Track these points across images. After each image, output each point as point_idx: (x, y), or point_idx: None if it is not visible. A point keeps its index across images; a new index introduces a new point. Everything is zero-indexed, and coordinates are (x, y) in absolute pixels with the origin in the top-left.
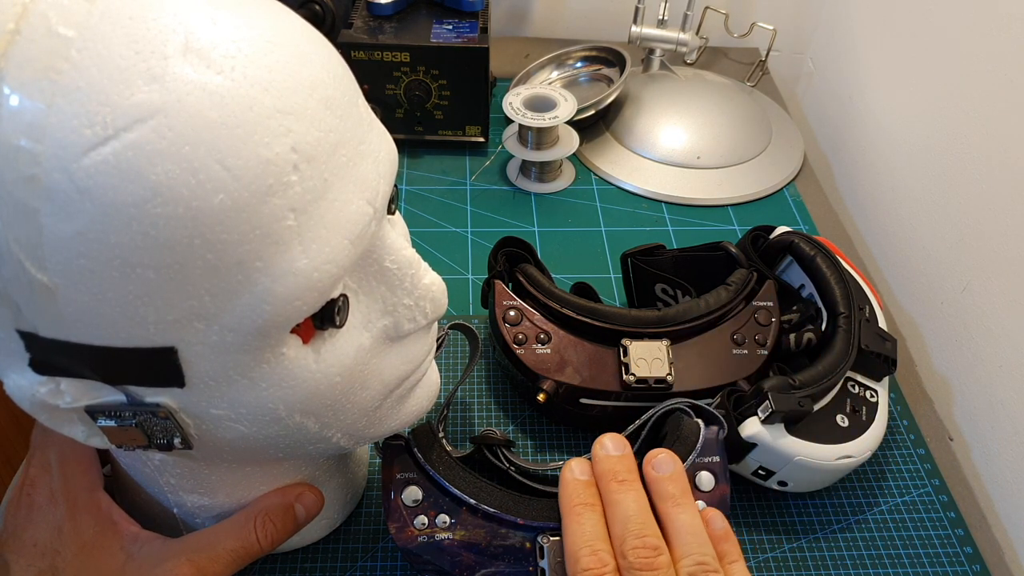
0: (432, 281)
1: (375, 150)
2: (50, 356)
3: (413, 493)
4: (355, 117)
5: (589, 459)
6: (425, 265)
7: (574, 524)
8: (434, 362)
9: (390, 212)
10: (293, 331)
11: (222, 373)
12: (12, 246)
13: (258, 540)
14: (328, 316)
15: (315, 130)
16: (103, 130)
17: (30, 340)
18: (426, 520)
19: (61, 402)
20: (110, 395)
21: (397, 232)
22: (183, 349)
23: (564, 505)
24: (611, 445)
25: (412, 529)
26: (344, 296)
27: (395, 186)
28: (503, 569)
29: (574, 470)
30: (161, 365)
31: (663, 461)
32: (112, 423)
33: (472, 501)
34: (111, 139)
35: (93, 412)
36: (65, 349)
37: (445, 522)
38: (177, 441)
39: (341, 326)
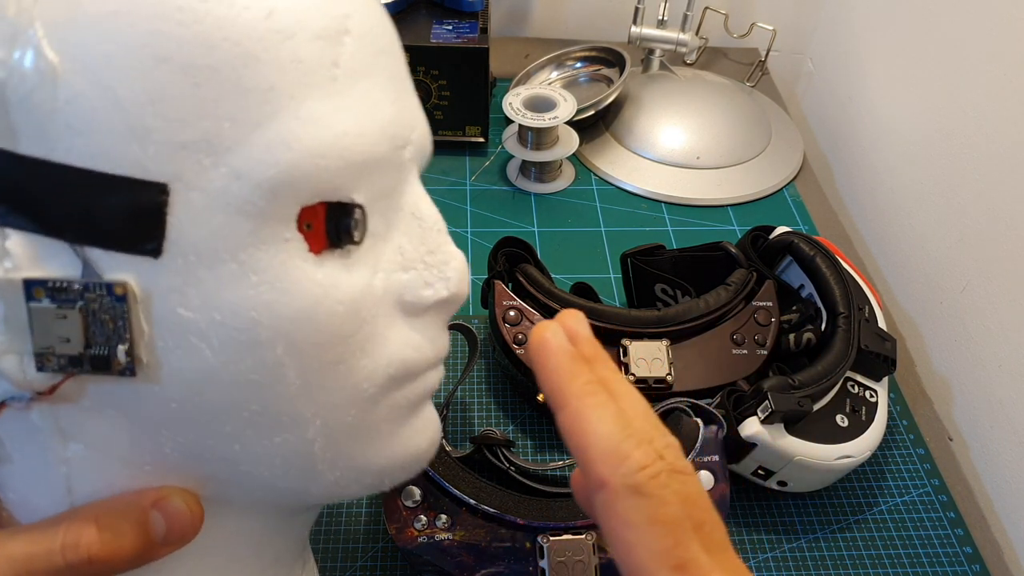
0: (457, 250)
1: (413, 108)
2: (14, 189)
3: (413, 493)
4: (399, 59)
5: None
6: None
7: (597, 412)
8: (435, 412)
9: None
10: (302, 232)
11: (210, 245)
12: (36, 22)
13: (61, 551)
14: (344, 225)
15: (369, 18)
16: None
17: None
18: (426, 520)
19: None
20: (62, 265)
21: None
22: (176, 194)
23: (563, 383)
24: (578, 320)
25: (412, 530)
26: (362, 209)
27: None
28: (503, 569)
29: (557, 335)
30: (144, 214)
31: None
32: (49, 303)
33: (472, 501)
34: None
35: (31, 287)
36: (40, 174)
37: (445, 522)
38: (121, 352)
39: (359, 242)
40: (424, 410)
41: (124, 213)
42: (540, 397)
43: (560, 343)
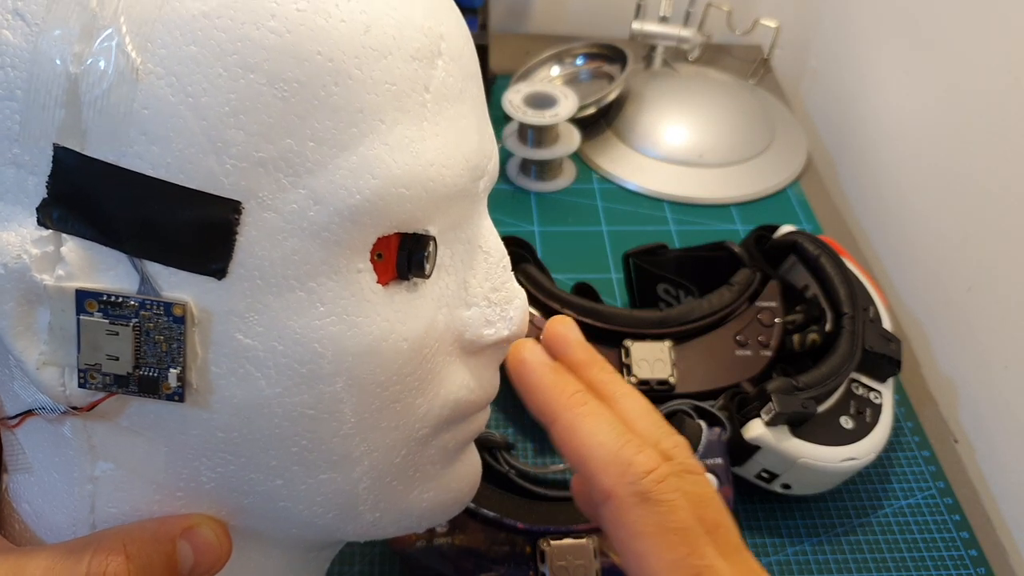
0: (520, 288)
1: (492, 137)
2: (78, 192)
3: None
4: (481, 85)
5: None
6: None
7: (590, 421)
8: (477, 455)
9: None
10: (373, 262)
11: (279, 270)
12: (120, 17)
13: None
14: (416, 257)
15: (459, 40)
16: None
17: (64, 162)
18: None
19: (49, 275)
20: (117, 278)
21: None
22: (249, 214)
23: (552, 397)
24: (567, 326)
25: (410, 534)
26: (435, 241)
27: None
28: (503, 573)
29: (535, 353)
30: (213, 231)
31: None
32: (101, 318)
33: (471, 505)
34: None
35: (84, 298)
36: (106, 179)
37: (443, 527)
38: (172, 375)
39: (428, 276)
40: (468, 452)
41: (191, 229)
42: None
43: (538, 359)
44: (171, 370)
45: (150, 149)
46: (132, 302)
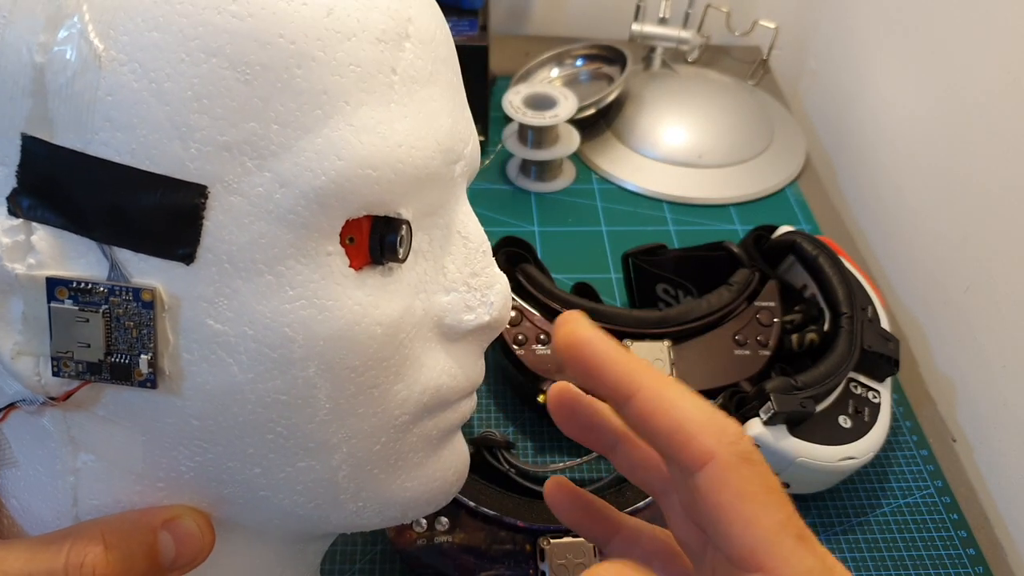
0: (501, 274)
1: (468, 121)
2: (47, 181)
3: None
4: (457, 70)
5: None
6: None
7: (674, 389)
8: (465, 445)
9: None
10: (344, 246)
11: (247, 254)
12: (83, 5)
13: (64, 570)
14: (389, 241)
15: (430, 24)
16: None
17: (33, 151)
18: (425, 523)
19: (20, 264)
20: (88, 265)
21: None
22: (216, 198)
23: (632, 371)
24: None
25: (411, 532)
26: (408, 225)
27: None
28: (503, 572)
29: (592, 328)
30: (179, 216)
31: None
32: (72, 305)
33: (471, 504)
34: None
35: (54, 286)
36: (74, 167)
37: (444, 525)
38: (143, 361)
39: (402, 260)
40: (454, 441)
41: (159, 214)
42: (540, 398)
43: (600, 334)
44: (142, 356)
45: (115, 136)
46: (102, 288)
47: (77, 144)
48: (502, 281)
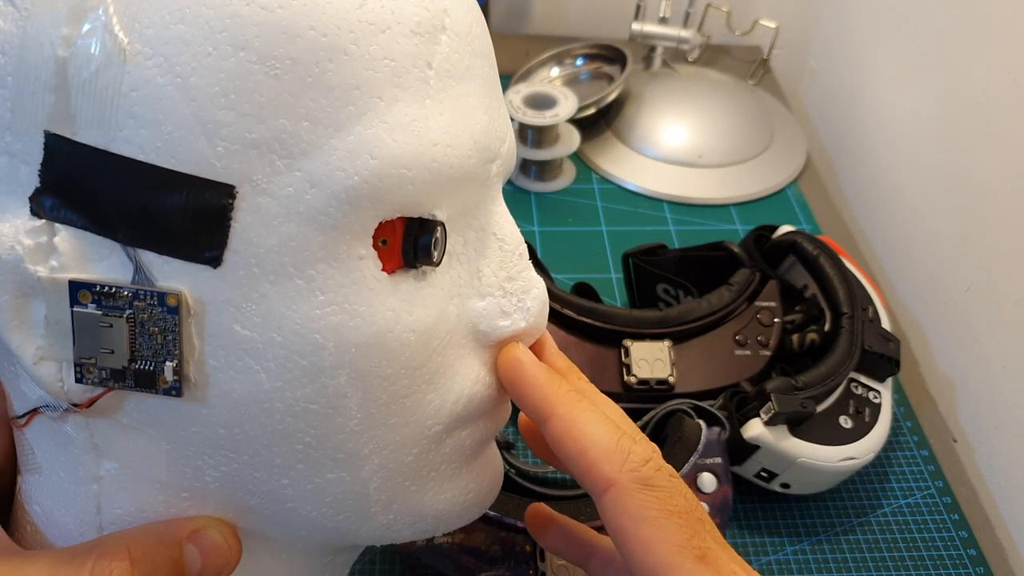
0: (538, 278)
1: (505, 118)
2: (69, 179)
3: None
4: (494, 64)
5: None
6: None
7: (587, 415)
8: (499, 455)
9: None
10: (376, 248)
11: (276, 257)
12: None
13: None
14: (423, 244)
15: (466, 16)
16: None
17: (55, 149)
18: None
19: (42, 266)
20: (111, 268)
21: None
22: (243, 199)
23: (551, 394)
24: (545, 335)
25: None
26: (443, 227)
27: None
28: (503, 572)
29: (528, 353)
30: (206, 217)
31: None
32: (95, 309)
33: None
34: None
35: (77, 290)
36: (97, 166)
37: None
38: (168, 368)
39: (437, 263)
40: (488, 451)
41: (184, 215)
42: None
43: (533, 358)
44: (167, 363)
45: (140, 133)
46: (126, 292)
47: (100, 141)
48: (539, 285)
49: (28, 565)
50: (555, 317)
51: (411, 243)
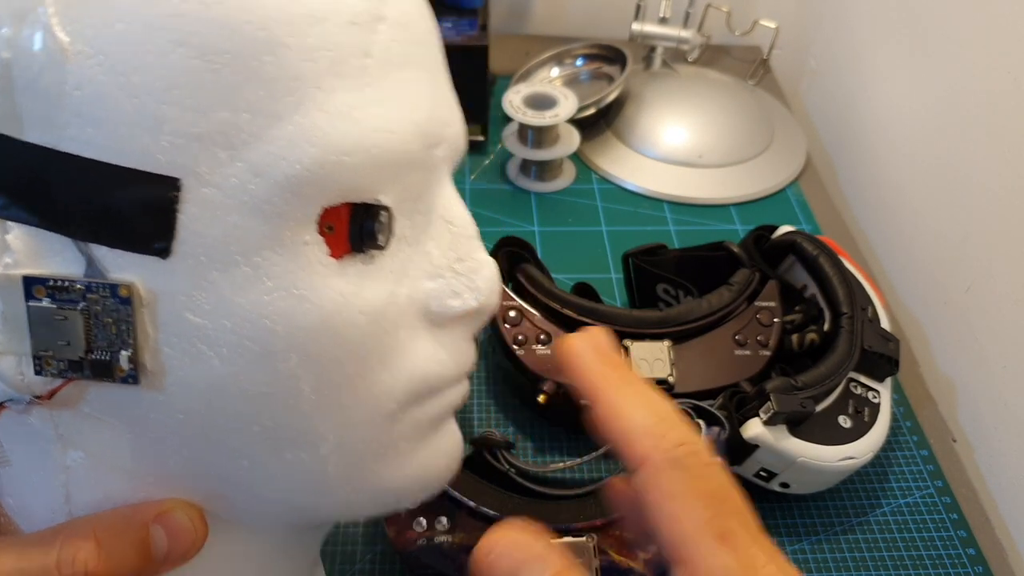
0: (488, 258)
1: (449, 103)
2: (19, 179)
3: None
4: (437, 51)
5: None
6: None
7: (631, 395)
8: (458, 431)
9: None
10: (323, 235)
11: (223, 246)
12: None
13: (57, 566)
14: (368, 228)
15: (407, 5)
16: None
17: (3, 149)
18: (425, 523)
19: None
20: (64, 263)
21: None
22: (189, 190)
23: (598, 376)
24: (601, 335)
25: (411, 532)
26: (389, 211)
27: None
28: None
29: (583, 338)
30: (153, 210)
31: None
32: (50, 303)
33: (471, 504)
34: None
35: (31, 285)
36: (45, 164)
37: (444, 525)
38: (124, 357)
39: (383, 247)
40: (446, 427)
41: (132, 208)
42: (541, 399)
43: (590, 346)
44: (122, 353)
45: (85, 131)
46: (79, 286)
47: (47, 140)
48: (490, 266)
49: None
50: (555, 317)
51: (357, 228)
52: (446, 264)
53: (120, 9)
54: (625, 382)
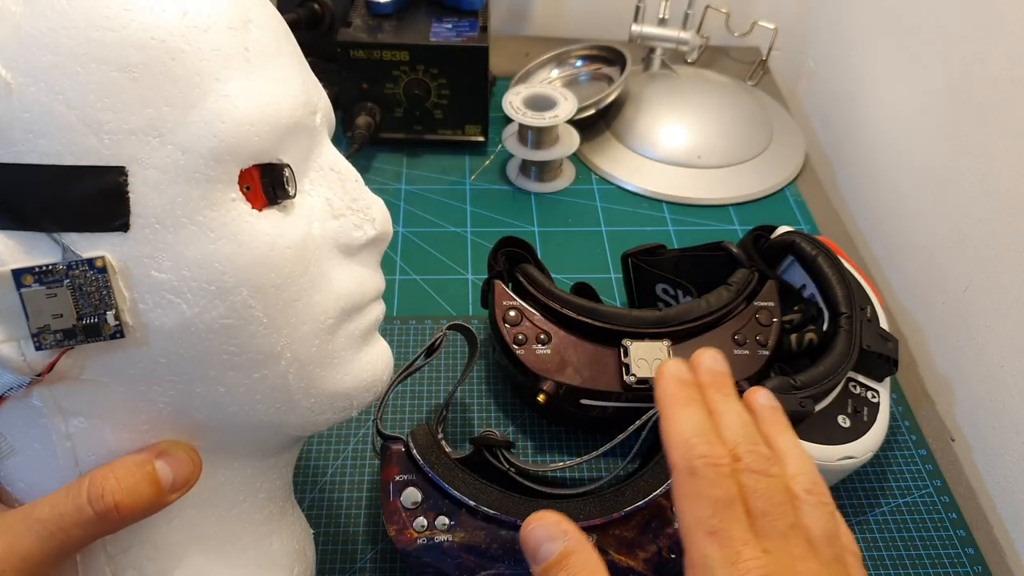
0: (376, 196)
1: (315, 81)
2: None
3: (412, 495)
4: (295, 44)
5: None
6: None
7: (683, 413)
8: (386, 343)
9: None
10: (243, 193)
11: (170, 213)
12: None
13: (89, 503)
14: (278, 181)
15: (264, 10)
16: None
17: None
18: (425, 522)
19: None
20: (43, 253)
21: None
22: (134, 174)
23: (666, 396)
24: (711, 358)
25: (411, 531)
26: (290, 168)
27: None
28: (503, 571)
29: (673, 367)
30: (109, 195)
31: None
32: (39, 286)
33: (472, 503)
34: None
35: (20, 275)
36: (10, 177)
37: (444, 524)
38: (110, 316)
39: (292, 196)
40: (376, 340)
41: (91, 197)
42: (540, 398)
43: (672, 371)
44: (108, 312)
45: (39, 143)
46: (60, 267)
47: (8, 157)
48: (379, 202)
49: (31, 509)
50: (555, 317)
51: (268, 184)
52: (343, 206)
53: (46, 44)
54: (687, 402)
